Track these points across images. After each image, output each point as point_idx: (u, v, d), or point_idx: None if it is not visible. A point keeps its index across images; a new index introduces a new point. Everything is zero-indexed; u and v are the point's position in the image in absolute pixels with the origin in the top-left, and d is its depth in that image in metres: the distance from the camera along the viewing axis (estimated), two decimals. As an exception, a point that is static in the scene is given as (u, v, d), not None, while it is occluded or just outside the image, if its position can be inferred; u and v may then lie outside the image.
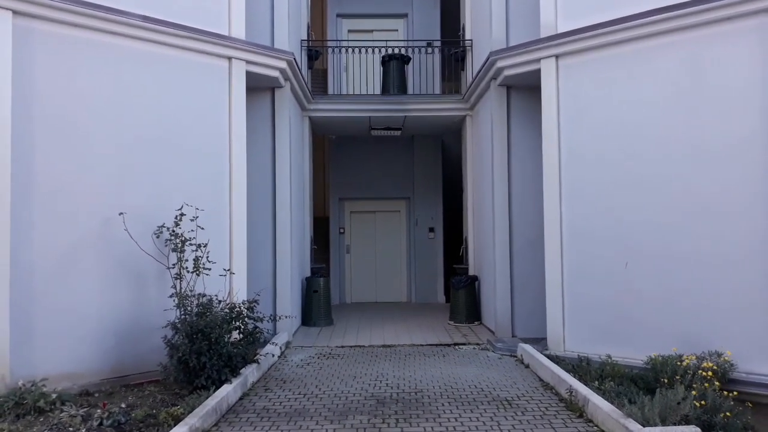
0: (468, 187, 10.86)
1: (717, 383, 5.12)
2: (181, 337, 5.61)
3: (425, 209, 13.40)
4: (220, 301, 6.08)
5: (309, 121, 10.84)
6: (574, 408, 5.21)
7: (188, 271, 6.21)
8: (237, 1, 7.45)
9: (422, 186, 13.42)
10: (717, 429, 4.57)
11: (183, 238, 6.22)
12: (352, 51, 11.82)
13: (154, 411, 5.05)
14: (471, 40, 10.64)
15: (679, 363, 5.49)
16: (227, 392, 5.40)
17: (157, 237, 6.39)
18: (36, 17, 5.79)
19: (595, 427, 4.78)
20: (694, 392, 4.81)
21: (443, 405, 5.46)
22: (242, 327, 6.14)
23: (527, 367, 6.91)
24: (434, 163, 13.46)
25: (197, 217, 6.46)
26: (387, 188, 13.45)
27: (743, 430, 4.80)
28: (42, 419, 4.93)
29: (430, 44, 12.09)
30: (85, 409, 5.11)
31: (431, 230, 13.39)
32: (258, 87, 8.31)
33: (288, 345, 8.25)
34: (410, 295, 13.37)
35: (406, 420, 5.04)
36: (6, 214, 5.46)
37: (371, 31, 13.30)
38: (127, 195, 6.32)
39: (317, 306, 9.99)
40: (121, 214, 6.13)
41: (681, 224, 6.14)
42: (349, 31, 13.38)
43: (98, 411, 4.92)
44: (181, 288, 6.13)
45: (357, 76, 12.27)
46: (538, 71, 7.48)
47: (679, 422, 4.44)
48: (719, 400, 4.83)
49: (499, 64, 8.04)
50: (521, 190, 8.51)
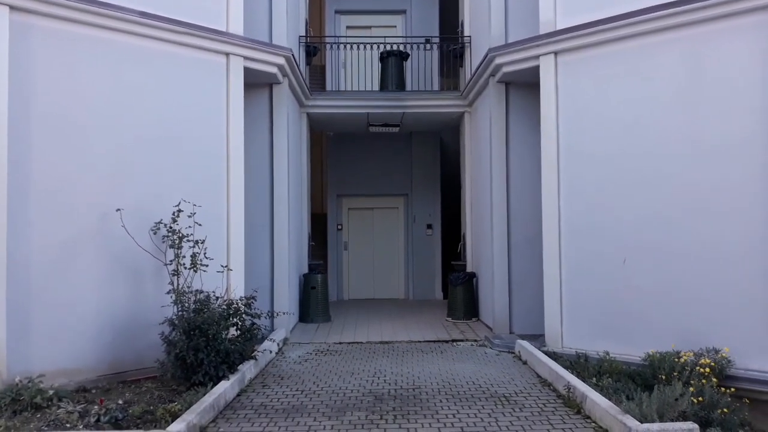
0: (466, 183, 10.85)
1: (714, 380, 5.13)
2: (179, 333, 5.60)
3: (423, 206, 13.39)
4: (217, 298, 6.06)
5: (307, 118, 10.81)
6: (572, 404, 5.22)
7: (185, 268, 6.19)
8: (235, -4, 7.44)
9: (420, 183, 13.41)
10: (714, 425, 4.58)
11: (180, 235, 6.21)
12: (351, 47, 11.79)
13: (152, 407, 5.04)
14: (470, 36, 10.62)
15: (676, 359, 5.50)
16: (225, 389, 5.39)
17: (155, 233, 6.37)
18: (33, 12, 5.76)
19: (593, 424, 4.79)
20: (691, 389, 4.82)
21: (441, 401, 5.46)
22: (240, 323, 6.13)
23: (525, 363, 6.91)
24: (432, 160, 13.46)
25: (195, 213, 6.44)
26: (385, 185, 13.44)
27: (740, 427, 4.81)
28: (39, 415, 4.93)
29: (428, 40, 12.06)
30: (82, 405, 5.10)
31: (429, 227, 13.39)
32: (256, 83, 8.28)
33: (286, 341, 8.25)
34: (408, 292, 13.37)
35: (404, 416, 5.04)
36: (3, 210, 5.44)
37: (369, 27, 13.27)
38: (124, 191, 6.30)
39: (315, 302, 9.98)
40: (118, 210, 6.12)
41: (680, 221, 6.13)
42: (348, 27, 13.35)
43: (95, 407, 4.92)
44: (178, 284, 6.11)
45: (355, 72, 12.24)
46: (537, 68, 7.47)
47: (677, 418, 4.45)
48: (717, 397, 4.84)
49: (498, 60, 8.03)
50: (519, 187, 8.51)
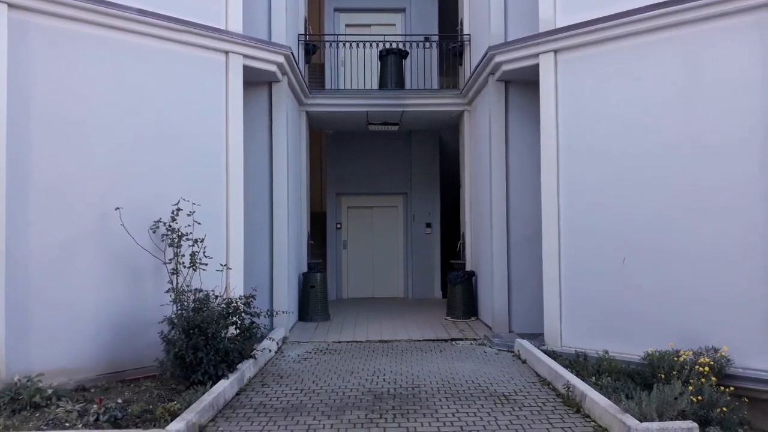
0: (465, 182, 10.84)
1: (714, 378, 5.13)
2: (178, 332, 5.59)
3: (422, 205, 13.39)
4: (216, 297, 6.06)
5: (306, 116, 10.80)
6: (572, 403, 5.22)
7: (185, 266, 6.18)
8: (234, -6, 7.42)
9: (419, 181, 13.40)
10: (713, 424, 4.59)
11: (180, 233, 6.19)
12: (350, 45, 11.77)
13: (151, 406, 5.04)
14: (469, 34, 10.61)
15: (676, 358, 5.49)
16: (224, 387, 5.39)
17: (154, 232, 6.36)
18: (32, 10, 5.74)
19: (593, 423, 4.79)
20: (691, 387, 4.82)
21: (440, 400, 5.46)
22: (239, 322, 6.12)
23: (524, 362, 6.91)
24: (432, 159, 13.44)
25: (194, 212, 6.43)
26: (384, 184, 13.43)
27: (739, 425, 4.82)
28: (38, 414, 4.92)
29: (427, 39, 12.05)
30: (82, 404, 5.09)
31: (428, 226, 13.38)
32: (255, 81, 8.27)
33: (285, 340, 8.24)
34: (407, 291, 13.37)
35: (404, 415, 5.04)
36: (2, 209, 5.42)
37: (369, 25, 13.25)
38: (123, 190, 6.29)
39: (314, 301, 9.98)
40: (117, 209, 6.10)
41: (680, 220, 6.13)
42: (347, 25, 13.32)
43: (94, 406, 4.90)
44: (177, 283, 6.10)
45: (354, 70, 12.22)
46: (536, 66, 7.46)
47: (676, 417, 4.46)
48: (716, 396, 4.85)
49: (498, 58, 8.02)
50: (519, 186, 8.51)
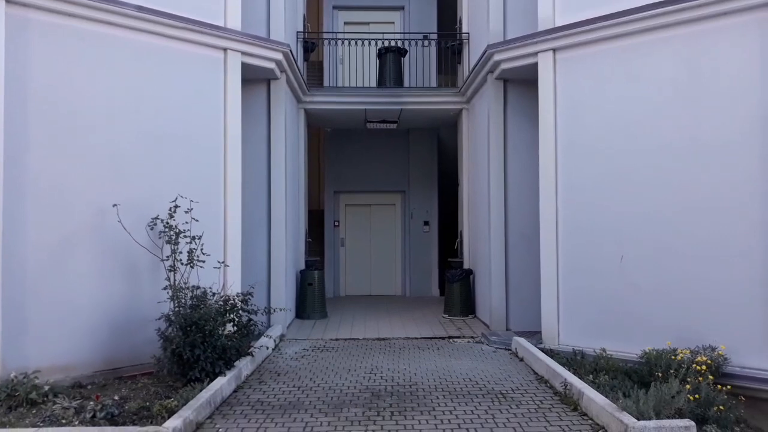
0: (463, 180, 10.84)
1: (711, 377, 5.14)
2: (175, 329, 5.59)
3: (420, 203, 13.39)
4: (214, 294, 6.05)
5: (304, 114, 10.78)
6: (569, 401, 5.23)
7: (182, 264, 6.16)
8: (233, -9, 7.40)
9: (418, 179, 13.40)
10: (710, 422, 4.60)
11: (177, 230, 6.17)
12: (348, 43, 11.74)
13: (148, 403, 5.03)
14: (468, 33, 10.60)
15: (673, 357, 5.50)
16: (221, 385, 5.39)
17: (151, 229, 6.35)
18: (30, 6, 5.71)
19: (590, 421, 4.80)
20: (688, 386, 4.83)
21: (438, 398, 5.46)
22: (236, 319, 6.12)
23: (522, 360, 6.92)
24: (430, 157, 13.44)
25: (192, 209, 6.42)
26: (382, 181, 13.43)
27: (736, 424, 4.82)
28: (34, 411, 4.91)
29: (426, 37, 12.03)
30: (78, 401, 5.08)
31: (426, 224, 13.39)
32: (254, 79, 8.26)
33: (282, 338, 8.24)
34: (405, 289, 13.37)
35: (401, 413, 5.04)
36: (-2, 204, 5.41)
37: (367, 23, 13.24)
38: (120, 186, 6.27)
39: (312, 299, 9.98)
40: (115, 205, 6.08)
41: (677, 219, 6.13)
42: (346, 23, 13.30)
43: (91, 403, 4.90)
44: (175, 280, 6.09)
45: (353, 68, 12.21)
46: (535, 65, 7.45)
47: (674, 416, 4.47)
48: (713, 394, 4.85)
49: (497, 57, 8.02)
50: (517, 184, 8.51)
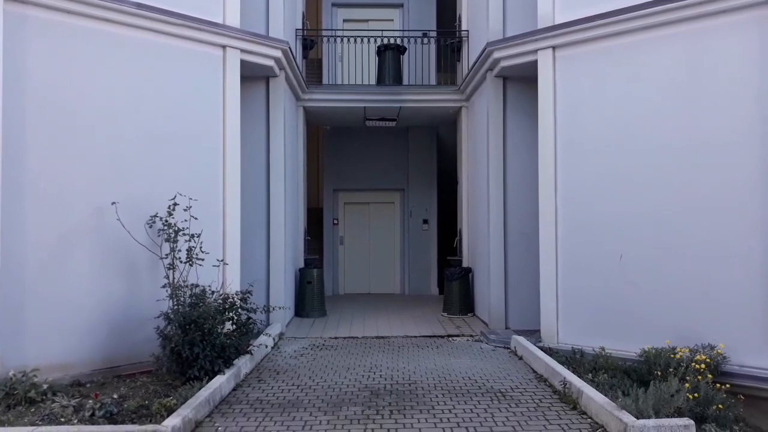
0: (463, 178, 10.83)
1: (710, 376, 5.13)
2: (174, 327, 5.57)
3: (419, 201, 13.38)
4: (213, 292, 6.04)
5: (303, 111, 10.77)
6: (568, 400, 5.23)
7: (181, 262, 6.15)
8: (231, -12, 7.38)
9: (417, 178, 13.39)
10: (709, 421, 4.60)
11: (176, 228, 6.16)
12: (348, 41, 11.72)
13: (147, 402, 5.02)
14: (467, 30, 10.58)
15: (672, 356, 5.50)
16: (220, 383, 5.38)
17: (150, 227, 6.33)
18: (28, 3, 5.68)
19: (589, 419, 4.80)
20: (687, 385, 4.82)
21: (437, 396, 5.46)
22: (235, 318, 6.11)
23: (521, 359, 6.92)
24: (429, 155, 13.43)
25: (190, 207, 6.39)
26: (381, 180, 13.41)
27: (735, 423, 4.83)
28: (33, 410, 4.90)
29: (425, 34, 12.01)
30: (77, 399, 5.06)
31: (425, 222, 13.38)
32: (252, 76, 8.24)
33: (281, 336, 8.23)
34: (404, 287, 13.37)
35: (400, 411, 5.04)
36: (-4, 202, 5.39)
37: (367, 20, 13.21)
38: (119, 184, 6.25)
39: (311, 297, 9.97)
40: (113, 203, 6.06)
41: (677, 218, 6.12)
42: (345, 20, 13.28)
43: (90, 402, 4.89)
44: (173, 278, 6.08)
45: (352, 66, 12.18)
46: (534, 62, 7.43)
47: (673, 414, 4.47)
48: (712, 393, 4.85)
49: (496, 55, 8.01)
50: (516, 182, 8.50)
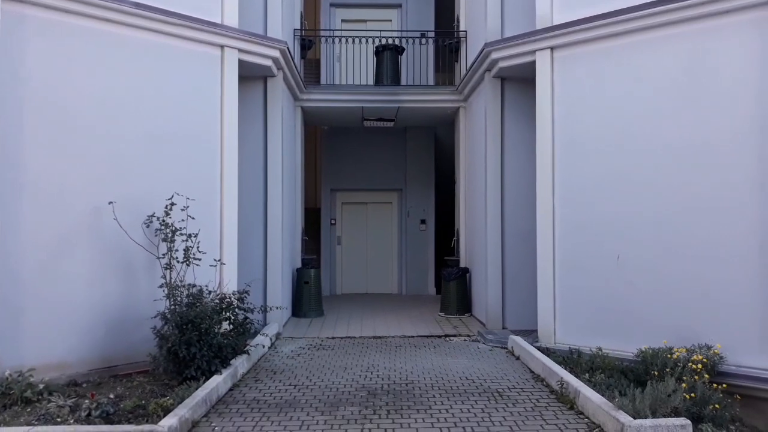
0: (460, 179, 10.83)
1: (706, 376, 5.13)
2: (171, 327, 5.57)
3: (417, 201, 13.38)
4: (210, 292, 6.03)
5: (301, 112, 10.77)
6: (565, 400, 5.23)
7: (178, 261, 6.15)
8: (230, -12, 7.37)
9: (414, 178, 13.39)
10: (706, 421, 4.60)
11: (173, 228, 6.15)
12: (346, 41, 11.73)
13: (143, 402, 5.01)
14: (465, 31, 10.59)
15: (669, 355, 5.51)
16: (217, 383, 5.37)
17: (147, 227, 6.32)
18: (27, 3, 5.66)
19: (586, 419, 4.80)
20: (684, 384, 4.83)
21: (434, 396, 5.46)
22: (232, 318, 6.10)
23: (518, 358, 6.92)
24: (427, 155, 13.43)
25: (188, 206, 6.39)
26: (379, 180, 13.41)
27: (731, 422, 4.84)
28: (29, 409, 4.88)
29: (424, 35, 12.02)
30: (73, 399, 5.05)
31: (423, 222, 13.38)
32: (250, 76, 8.23)
33: (278, 336, 8.22)
34: (401, 287, 13.37)
35: (397, 411, 5.03)
36: (-7, 201, 5.38)
37: (365, 21, 13.21)
38: (116, 184, 6.24)
39: (308, 297, 9.96)
40: (110, 203, 6.05)
41: (676, 218, 6.13)
42: (343, 20, 13.27)
43: (86, 401, 4.87)
44: (171, 278, 6.07)
45: (350, 66, 12.19)
46: (533, 63, 7.44)
47: (670, 414, 4.47)
48: (708, 393, 4.86)
49: (494, 55, 8.01)
50: (514, 183, 8.51)
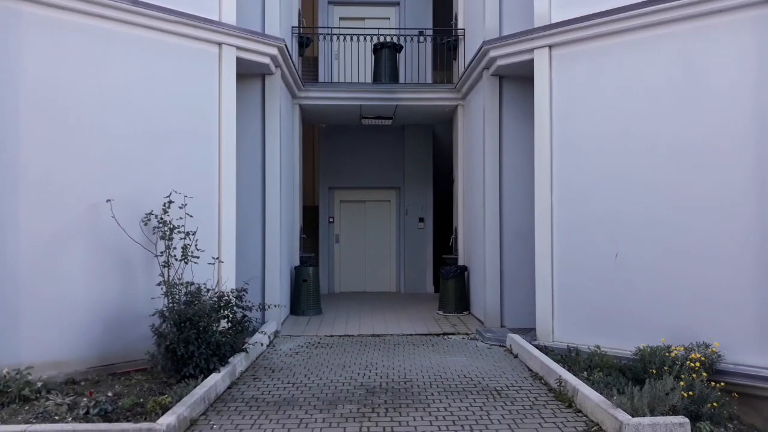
0: (459, 177, 10.83)
1: (704, 374, 5.15)
2: (169, 325, 5.56)
3: (415, 199, 13.38)
4: (208, 290, 6.02)
5: (299, 109, 10.75)
6: (564, 398, 5.24)
7: (176, 259, 6.14)
8: (227, -15, 7.35)
9: (412, 176, 13.39)
10: (704, 419, 4.61)
11: (171, 226, 6.14)
12: (344, 39, 11.70)
13: (142, 400, 5.00)
14: (463, 29, 10.57)
15: (667, 354, 5.52)
16: (215, 381, 5.37)
17: (145, 224, 6.31)
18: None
19: (585, 417, 4.81)
20: (682, 383, 4.84)
21: (433, 394, 5.46)
22: (231, 316, 6.10)
23: (516, 357, 6.93)
24: (425, 153, 13.43)
25: (186, 204, 6.38)
26: (377, 178, 13.40)
27: (729, 421, 4.85)
28: (27, 408, 4.87)
29: (422, 33, 12.00)
30: (71, 397, 5.04)
31: (421, 220, 13.38)
32: (248, 74, 8.21)
33: (277, 334, 8.22)
34: (399, 285, 13.37)
35: (396, 409, 5.04)
36: (-10, 199, 5.36)
37: (363, 18, 13.18)
38: (114, 182, 6.22)
39: (306, 295, 9.96)
40: (108, 201, 6.04)
41: (673, 217, 6.13)
42: (341, 18, 13.24)
43: (84, 399, 4.88)
44: (169, 276, 6.06)
45: (348, 64, 12.17)
46: (531, 61, 7.44)
47: (668, 412, 4.48)
48: (706, 391, 4.86)
49: (492, 53, 8.00)
50: (512, 181, 8.51)
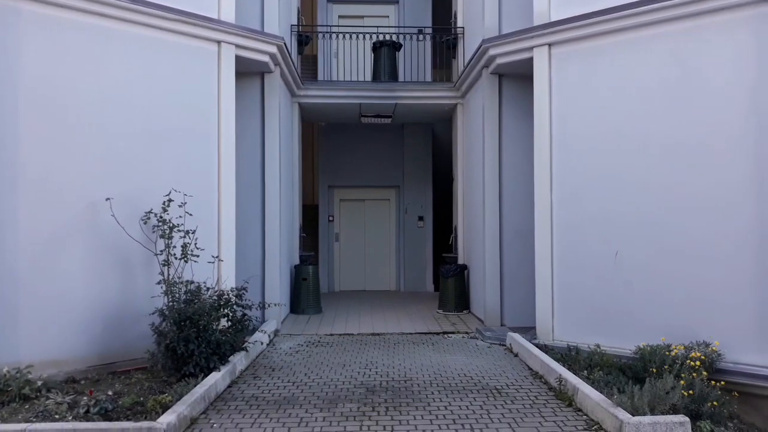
0: (458, 175, 10.83)
1: (704, 373, 5.15)
2: (169, 324, 5.55)
3: (415, 198, 13.38)
4: (208, 288, 6.02)
5: (298, 108, 10.73)
6: (564, 397, 5.24)
7: (176, 258, 6.13)
8: (227, -17, 7.34)
9: (412, 174, 13.38)
10: (704, 418, 4.62)
11: (171, 225, 6.13)
12: (343, 37, 11.69)
13: (142, 398, 5.00)
14: (463, 27, 10.56)
15: (667, 353, 5.53)
16: (216, 380, 5.36)
17: (145, 223, 6.30)
18: (22, -3, 5.64)
19: (585, 416, 4.81)
20: (682, 382, 4.84)
21: (433, 393, 5.46)
22: (231, 314, 6.09)
23: (516, 356, 6.93)
24: (424, 152, 13.42)
25: (185, 203, 6.37)
26: (377, 176, 13.39)
27: (729, 419, 4.86)
28: (27, 406, 4.87)
29: (421, 31, 11.99)
30: (72, 396, 5.04)
31: (420, 219, 13.38)
32: (247, 72, 8.20)
33: (277, 333, 8.22)
34: (399, 284, 13.37)
35: (396, 408, 5.04)
36: (-11, 198, 5.35)
37: (362, 17, 13.16)
38: (113, 180, 6.21)
39: (306, 294, 9.95)
40: (107, 199, 6.03)
41: (665, 217, 6.14)
42: (340, 16, 13.22)
43: (84, 398, 4.86)
44: (168, 275, 6.05)
45: (347, 62, 12.15)
46: (530, 60, 7.43)
47: (668, 411, 4.48)
48: (707, 390, 4.87)
49: (492, 51, 7.99)
50: (512, 180, 8.50)
